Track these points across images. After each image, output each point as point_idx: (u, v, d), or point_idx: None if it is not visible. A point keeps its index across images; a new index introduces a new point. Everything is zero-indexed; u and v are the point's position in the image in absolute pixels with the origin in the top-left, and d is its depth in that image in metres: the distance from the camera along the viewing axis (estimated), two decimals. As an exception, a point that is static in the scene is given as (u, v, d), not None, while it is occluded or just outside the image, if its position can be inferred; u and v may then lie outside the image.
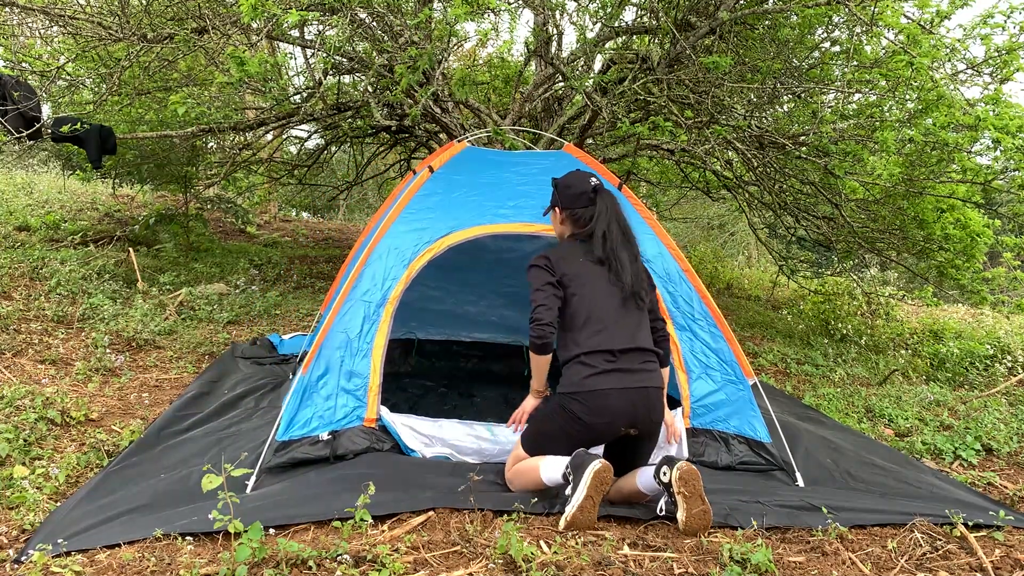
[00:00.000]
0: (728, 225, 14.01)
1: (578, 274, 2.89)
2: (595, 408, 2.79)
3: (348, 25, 4.54)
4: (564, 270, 2.89)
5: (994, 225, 6.30)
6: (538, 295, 2.81)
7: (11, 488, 2.87)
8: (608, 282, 2.90)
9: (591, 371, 2.81)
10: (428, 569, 2.39)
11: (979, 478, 3.71)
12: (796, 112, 6.18)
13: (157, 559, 2.36)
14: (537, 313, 2.78)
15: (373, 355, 3.29)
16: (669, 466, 2.72)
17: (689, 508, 2.65)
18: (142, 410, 4.04)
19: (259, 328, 6.05)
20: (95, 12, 5.58)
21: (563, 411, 2.82)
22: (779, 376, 6.08)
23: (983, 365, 6.57)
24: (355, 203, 15.63)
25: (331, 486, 2.87)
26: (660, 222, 3.93)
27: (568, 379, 2.84)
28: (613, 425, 2.83)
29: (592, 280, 2.89)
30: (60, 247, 7.29)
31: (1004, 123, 4.43)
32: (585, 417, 2.79)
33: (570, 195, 3.02)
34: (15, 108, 4.66)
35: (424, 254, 3.44)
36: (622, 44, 6.30)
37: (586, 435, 2.85)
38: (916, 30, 4.61)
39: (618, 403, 2.80)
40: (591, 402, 2.79)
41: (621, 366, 2.82)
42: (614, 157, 8.08)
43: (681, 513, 2.66)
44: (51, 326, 5.18)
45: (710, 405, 3.49)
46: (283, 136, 9.72)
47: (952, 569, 2.59)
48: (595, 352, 2.82)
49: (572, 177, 3.08)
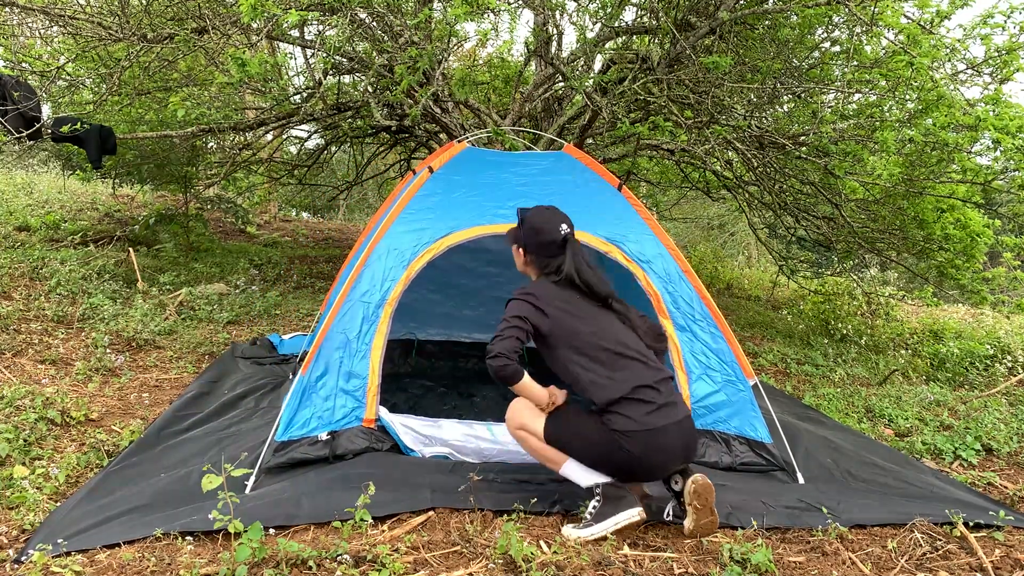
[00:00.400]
0: (728, 225, 14.01)
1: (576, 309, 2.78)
2: (656, 447, 2.64)
3: (348, 25, 4.54)
4: (559, 306, 2.76)
5: (994, 225, 6.30)
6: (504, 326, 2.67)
7: (11, 488, 2.87)
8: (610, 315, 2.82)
9: (650, 408, 2.66)
10: (428, 569, 2.39)
11: (979, 478, 3.71)
12: (796, 112, 6.18)
13: (157, 559, 2.36)
14: (494, 344, 2.63)
15: (372, 356, 3.29)
16: (683, 476, 2.69)
17: (698, 519, 2.65)
18: (142, 410, 4.04)
19: (259, 328, 6.05)
20: (95, 12, 5.58)
21: (619, 449, 2.64)
22: (779, 376, 6.07)
23: (983, 365, 6.56)
24: (355, 203, 15.63)
25: (331, 486, 2.87)
26: (660, 222, 3.93)
27: (623, 421, 2.65)
28: (670, 463, 2.70)
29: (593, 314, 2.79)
30: (60, 247, 7.29)
31: (1004, 123, 4.42)
32: (644, 456, 2.63)
33: (539, 242, 2.88)
34: (15, 108, 4.66)
35: (424, 255, 3.43)
36: (622, 44, 6.30)
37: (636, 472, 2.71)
38: (916, 30, 4.61)
39: (676, 440, 2.67)
40: (653, 441, 2.63)
41: (667, 400, 2.71)
42: (614, 157, 8.08)
43: (689, 522, 2.67)
44: (51, 326, 5.18)
45: (711, 406, 3.49)
46: (283, 136, 9.72)
47: (952, 569, 2.59)
48: (642, 387, 2.68)
49: (541, 219, 2.90)
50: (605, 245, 3.56)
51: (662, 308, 3.55)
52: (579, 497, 2.89)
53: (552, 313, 2.74)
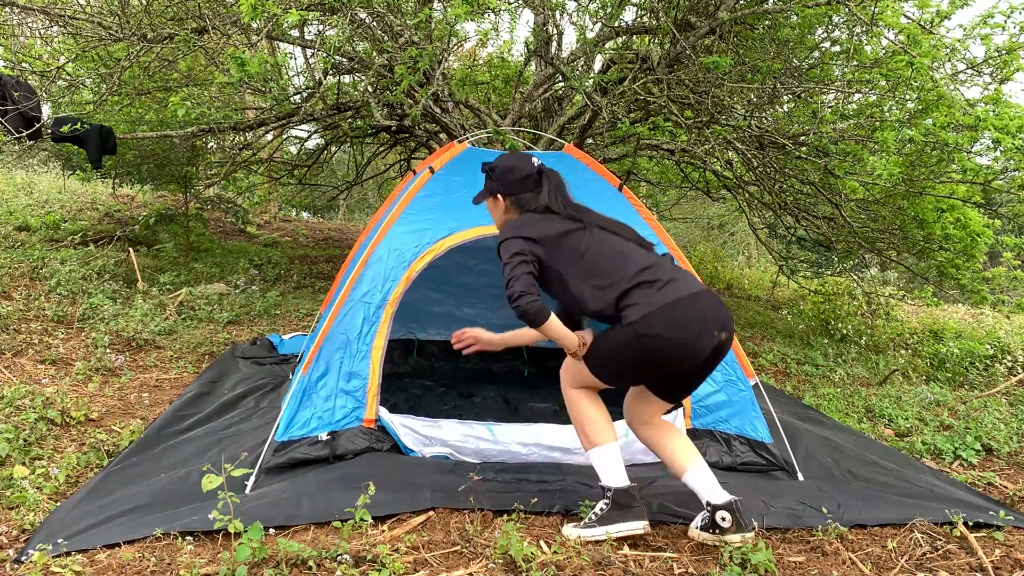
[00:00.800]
0: (728, 225, 14.01)
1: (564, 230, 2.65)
2: (681, 322, 2.48)
3: (348, 25, 4.54)
4: (548, 232, 2.63)
5: (994, 225, 6.30)
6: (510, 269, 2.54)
7: (11, 488, 2.87)
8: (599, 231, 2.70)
9: (660, 286, 2.54)
10: (428, 569, 2.39)
11: (979, 478, 3.71)
12: (796, 112, 6.18)
13: (157, 559, 2.36)
14: (510, 287, 2.50)
15: (372, 356, 3.29)
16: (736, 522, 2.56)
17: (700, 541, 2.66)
18: (142, 410, 4.04)
19: (259, 328, 6.05)
20: (95, 12, 5.58)
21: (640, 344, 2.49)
22: (779, 376, 6.08)
23: (983, 365, 6.56)
24: (355, 203, 15.63)
25: (331, 486, 2.87)
26: (660, 222, 3.93)
27: (637, 309, 2.50)
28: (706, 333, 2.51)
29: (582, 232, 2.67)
30: (60, 247, 7.29)
31: (1004, 123, 4.43)
32: (673, 333, 2.47)
33: (514, 180, 2.76)
34: (15, 108, 4.66)
35: (424, 255, 3.43)
36: (622, 44, 6.30)
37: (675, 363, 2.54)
38: (916, 30, 4.61)
39: (701, 311, 2.52)
40: (678, 314, 2.49)
41: (671, 276, 2.59)
42: (614, 157, 8.08)
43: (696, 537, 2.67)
44: (51, 326, 5.18)
45: (711, 405, 3.49)
46: (283, 136, 9.72)
47: (952, 569, 2.59)
48: (642, 270, 2.57)
49: (512, 160, 2.81)
50: (605, 245, 3.56)
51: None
52: (579, 496, 2.89)
53: (543, 237, 2.61)
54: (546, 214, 2.71)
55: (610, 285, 2.56)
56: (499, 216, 2.86)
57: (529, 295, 2.49)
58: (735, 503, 2.59)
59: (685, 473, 2.66)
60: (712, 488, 2.63)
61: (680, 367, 2.56)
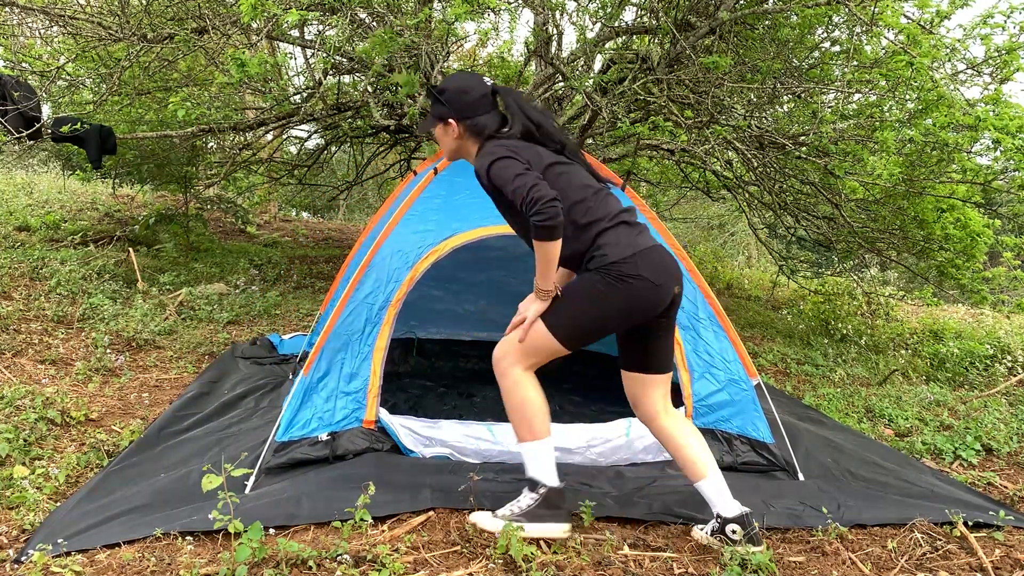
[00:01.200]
0: (728, 225, 14.01)
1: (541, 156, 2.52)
2: (657, 267, 2.46)
3: (348, 25, 4.54)
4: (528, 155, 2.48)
5: (994, 225, 6.30)
6: (523, 179, 2.35)
7: (11, 488, 2.87)
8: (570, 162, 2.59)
9: (635, 230, 2.51)
10: (428, 569, 2.39)
11: (979, 478, 3.71)
12: (796, 112, 6.18)
13: (157, 559, 2.36)
14: (537, 192, 2.30)
15: (374, 357, 3.30)
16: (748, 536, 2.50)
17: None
18: (142, 410, 4.04)
19: (259, 328, 6.05)
20: (95, 12, 5.58)
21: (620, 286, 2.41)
22: (779, 376, 6.08)
23: (983, 365, 6.56)
24: (355, 203, 15.63)
25: (331, 486, 2.87)
26: (661, 222, 3.93)
27: (617, 248, 2.44)
28: (671, 284, 2.50)
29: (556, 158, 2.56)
30: (60, 247, 7.29)
31: (1004, 123, 4.43)
32: (654, 278, 2.43)
33: (468, 102, 2.54)
34: (15, 108, 4.66)
35: (428, 256, 3.44)
36: (622, 44, 6.29)
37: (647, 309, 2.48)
38: (916, 30, 4.61)
39: (666, 258, 2.52)
40: (651, 261, 2.46)
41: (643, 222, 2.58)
42: (614, 157, 8.08)
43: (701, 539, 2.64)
44: (51, 326, 5.18)
45: (713, 405, 3.49)
46: (283, 136, 9.72)
47: (952, 569, 2.59)
48: (624, 211, 2.54)
49: (461, 80, 2.59)
50: (607, 245, 3.56)
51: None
52: (580, 496, 2.88)
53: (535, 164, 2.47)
54: (526, 141, 2.53)
55: (591, 223, 2.47)
56: (449, 143, 2.65)
57: (559, 200, 2.32)
58: (746, 516, 2.55)
59: (700, 481, 2.60)
60: (725, 499, 2.57)
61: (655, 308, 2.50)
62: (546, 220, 2.29)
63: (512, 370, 2.57)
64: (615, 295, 2.43)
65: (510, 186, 2.35)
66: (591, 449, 3.32)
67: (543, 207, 2.29)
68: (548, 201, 2.29)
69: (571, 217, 2.47)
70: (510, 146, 2.47)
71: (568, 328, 2.52)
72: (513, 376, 2.57)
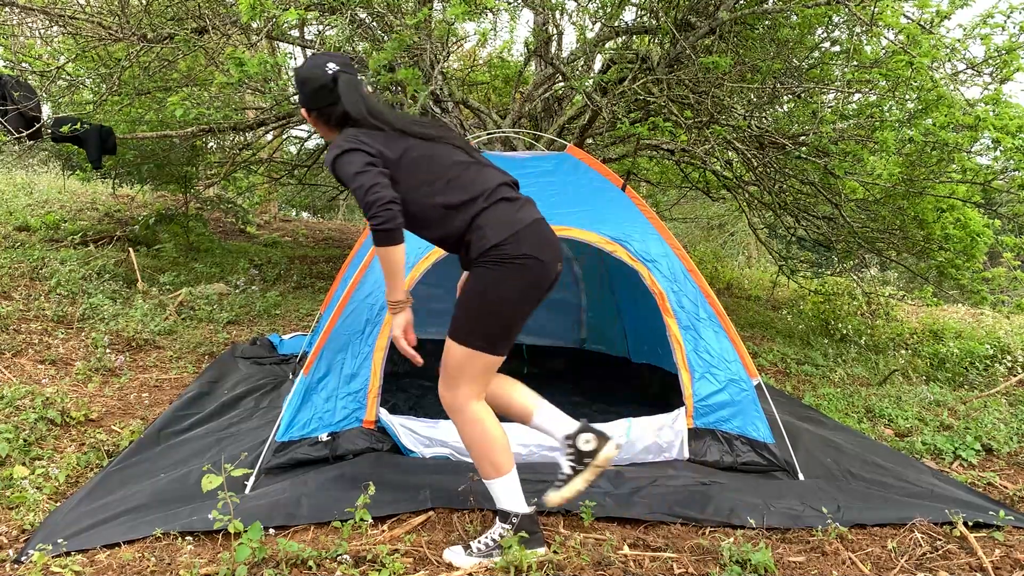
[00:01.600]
0: (728, 225, 14.00)
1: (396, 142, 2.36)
2: (541, 243, 2.33)
3: (348, 25, 4.54)
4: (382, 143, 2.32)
5: (994, 225, 6.30)
6: (362, 178, 2.20)
7: (11, 488, 2.87)
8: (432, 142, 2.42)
9: (516, 206, 2.36)
10: (428, 569, 2.39)
11: (979, 478, 3.71)
12: (796, 112, 6.18)
13: (157, 559, 2.36)
14: (374, 194, 2.17)
15: (374, 358, 3.29)
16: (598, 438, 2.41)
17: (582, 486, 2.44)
18: (142, 410, 4.04)
19: (259, 328, 6.05)
20: (95, 12, 5.58)
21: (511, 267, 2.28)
22: (779, 376, 6.08)
23: (983, 365, 6.56)
24: (355, 203, 15.62)
25: (331, 486, 2.87)
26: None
27: (499, 228, 2.30)
28: (557, 260, 2.39)
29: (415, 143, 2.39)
30: (60, 247, 7.29)
31: (1004, 123, 4.43)
32: (541, 255, 2.31)
33: (311, 93, 2.41)
34: (15, 108, 4.66)
35: (428, 256, 3.43)
36: (622, 44, 6.30)
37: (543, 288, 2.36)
38: (916, 30, 4.61)
39: (549, 233, 2.39)
40: (534, 237, 2.32)
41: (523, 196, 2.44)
42: (614, 157, 8.09)
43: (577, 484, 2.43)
44: (51, 326, 5.18)
45: (713, 405, 3.49)
46: (283, 136, 9.72)
47: (952, 569, 2.59)
48: (502, 185, 2.39)
49: (305, 68, 2.44)
50: (610, 244, 3.56)
51: (667, 307, 3.55)
52: (580, 496, 2.88)
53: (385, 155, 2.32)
54: (374, 130, 2.37)
55: (465, 203, 2.33)
56: (321, 132, 2.55)
57: (396, 205, 2.19)
58: (586, 423, 2.46)
59: (532, 417, 2.50)
60: (563, 421, 2.47)
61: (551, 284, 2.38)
62: (382, 224, 2.19)
63: (466, 407, 2.40)
64: (507, 281, 2.29)
65: (351, 184, 2.24)
66: (591, 449, 3.32)
67: (379, 210, 2.18)
68: (384, 204, 2.18)
69: (442, 199, 2.33)
70: (359, 136, 2.32)
71: (481, 335, 2.35)
72: (468, 413, 2.40)
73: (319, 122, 2.47)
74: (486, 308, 2.34)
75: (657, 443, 3.40)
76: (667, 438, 3.42)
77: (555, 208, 3.69)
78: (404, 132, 2.39)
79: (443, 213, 2.34)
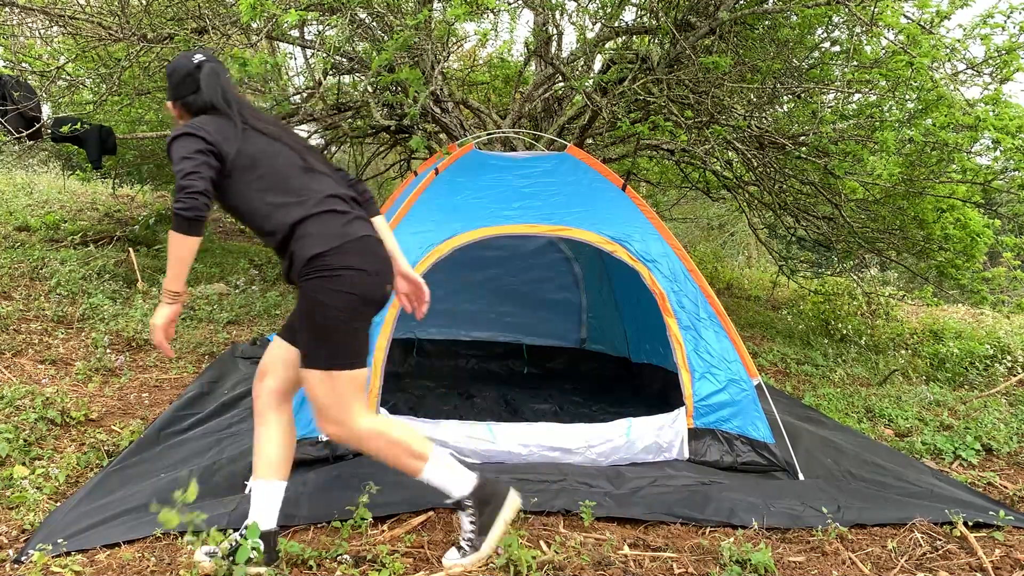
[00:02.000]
0: (728, 225, 13.99)
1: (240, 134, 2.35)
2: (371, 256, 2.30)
3: (348, 25, 4.54)
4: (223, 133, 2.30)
5: (994, 225, 6.30)
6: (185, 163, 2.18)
7: (11, 488, 2.87)
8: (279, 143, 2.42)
9: (347, 217, 2.31)
10: (428, 569, 2.39)
11: (979, 478, 3.71)
12: (796, 112, 6.18)
13: (157, 559, 2.36)
14: (188, 179, 2.14)
15: (375, 358, 3.29)
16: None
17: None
18: (142, 410, 4.04)
19: (259, 328, 6.05)
20: (95, 12, 5.58)
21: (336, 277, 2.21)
22: (779, 376, 6.08)
23: (983, 365, 6.56)
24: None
25: (331, 486, 2.87)
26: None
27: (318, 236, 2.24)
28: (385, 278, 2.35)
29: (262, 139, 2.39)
30: (60, 247, 7.29)
31: (1004, 123, 4.42)
32: (367, 267, 2.27)
33: (176, 83, 2.44)
34: (15, 108, 4.66)
35: (429, 256, 3.44)
36: (622, 44, 6.29)
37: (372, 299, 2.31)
38: (916, 30, 4.61)
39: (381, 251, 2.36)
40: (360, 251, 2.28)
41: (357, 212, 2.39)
42: (614, 157, 8.08)
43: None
44: (51, 326, 5.17)
45: (714, 405, 3.49)
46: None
47: (952, 569, 2.59)
48: (332, 197, 2.33)
49: (175, 61, 2.48)
50: (610, 244, 3.57)
51: (667, 307, 3.55)
52: (579, 496, 2.88)
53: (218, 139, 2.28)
54: (217, 115, 2.37)
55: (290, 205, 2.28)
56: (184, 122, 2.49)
57: (207, 197, 2.16)
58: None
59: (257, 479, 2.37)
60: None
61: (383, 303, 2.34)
62: (183, 210, 2.13)
63: (357, 430, 2.32)
64: (331, 295, 2.21)
65: (175, 167, 2.22)
66: (591, 449, 3.32)
67: (186, 197, 2.13)
68: (193, 193, 2.13)
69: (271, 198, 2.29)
70: (201, 123, 2.31)
71: (327, 355, 2.25)
72: (362, 433, 2.33)
73: (183, 112, 2.46)
74: (320, 329, 2.25)
75: (657, 443, 3.40)
76: (667, 438, 3.42)
77: (555, 208, 3.69)
78: (250, 127, 2.38)
79: (269, 211, 2.30)
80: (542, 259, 5.57)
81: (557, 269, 5.61)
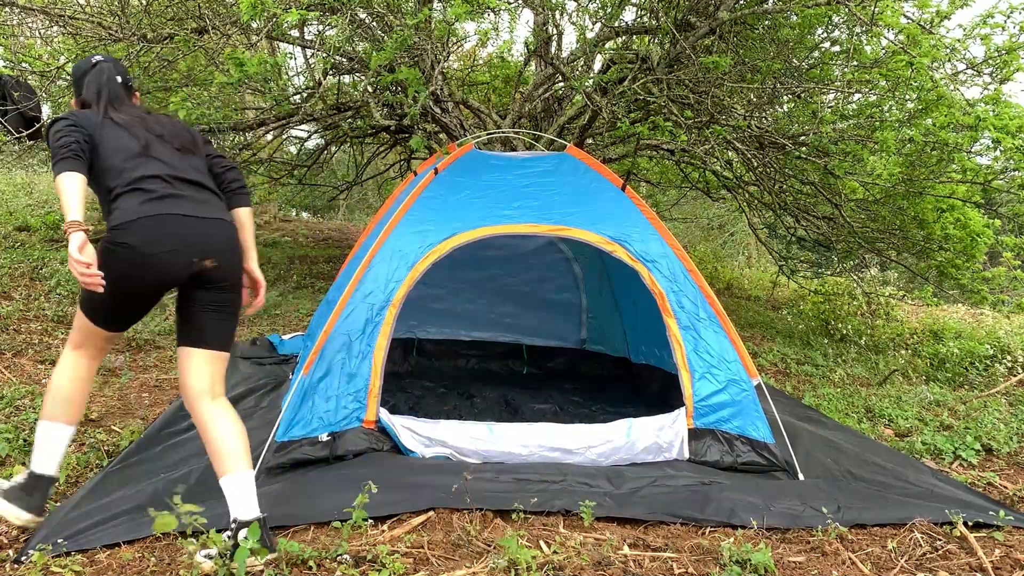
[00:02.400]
0: (728, 225, 14.00)
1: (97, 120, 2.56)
2: (157, 236, 2.40)
3: (348, 25, 4.54)
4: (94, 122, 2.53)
5: (994, 225, 6.30)
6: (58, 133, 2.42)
7: (11, 488, 2.87)
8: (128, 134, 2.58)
9: (148, 196, 2.44)
10: (428, 569, 2.39)
11: (979, 478, 3.71)
12: (796, 112, 6.18)
13: (157, 559, 2.36)
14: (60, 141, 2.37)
15: (375, 357, 3.30)
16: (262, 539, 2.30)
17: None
18: (142, 410, 4.04)
19: (259, 328, 6.05)
20: (95, 12, 5.58)
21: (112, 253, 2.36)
22: (779, 376, 6.08)
23: (983, 365, 6.56)
24: (355, 203, 15.62)
25: (331, 486, 2.87)
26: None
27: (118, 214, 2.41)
28: (180, 255, 2.43)
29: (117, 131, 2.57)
30: (60, 247, 7.29)
31: (1004, 123, 4.42)
32: (144, 247, 2.37)
33: (73, 81, 2.76)
34: (15, 108, 4.66)
35: (428, 256, 3.44)
36: (622, 44, 6.30)
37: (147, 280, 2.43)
38: (916, 30, 4.61)
39: (185, 228, 2.45)
40: (151, 229, 2.39)
41: (182, 192, 2.51)
42: (614, 157, 8.08)
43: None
44: (51, 326, 5.17)
45: (714, 405, 3.49)
46: (283, 136, 9.71)
47: (952, 569, 2.59)
48: (149, 177, 2.47)
49: (78, 62, 2.77)
50: (610, 244, 3.57)
51: (667, 307, 3.55)
52: (579, 496, 2.88)
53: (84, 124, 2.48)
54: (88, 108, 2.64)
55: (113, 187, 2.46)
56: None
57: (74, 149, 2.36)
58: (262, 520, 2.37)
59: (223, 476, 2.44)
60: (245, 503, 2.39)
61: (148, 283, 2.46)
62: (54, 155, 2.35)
63: (65, 349, 2.61)
64: (106, 265, 2.31)
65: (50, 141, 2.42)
66: (591, 449, 3.32)
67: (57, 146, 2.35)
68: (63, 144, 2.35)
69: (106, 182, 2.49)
70: (76, 113, 2.57)
71: (86, 303, 2.54)
72: (64, 352, 2.61)
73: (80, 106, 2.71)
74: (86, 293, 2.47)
75: (657, 443, 3.40)
76: (667, 438, 3.42)
77: (555, 208, 3.70)
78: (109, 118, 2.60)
79: (105, 193, 2.51)
80: (542, 259, 5.57)
81: (557, 269, 5.61)
